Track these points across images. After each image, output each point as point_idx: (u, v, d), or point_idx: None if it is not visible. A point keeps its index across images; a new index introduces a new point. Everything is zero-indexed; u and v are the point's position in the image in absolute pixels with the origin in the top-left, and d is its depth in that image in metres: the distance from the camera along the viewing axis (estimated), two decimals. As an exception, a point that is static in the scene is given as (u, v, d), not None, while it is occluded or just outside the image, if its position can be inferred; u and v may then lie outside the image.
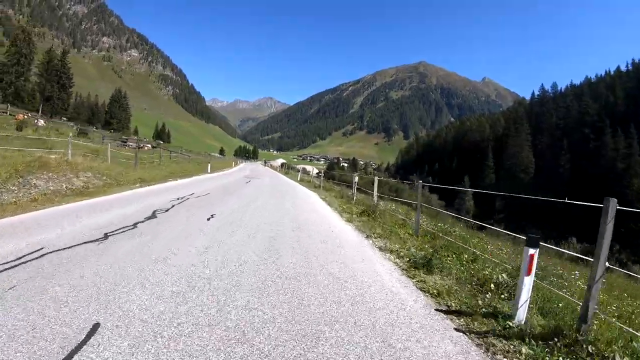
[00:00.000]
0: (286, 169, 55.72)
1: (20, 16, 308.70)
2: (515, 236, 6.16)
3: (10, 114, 49.88)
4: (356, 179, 14.40)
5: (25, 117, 47.36)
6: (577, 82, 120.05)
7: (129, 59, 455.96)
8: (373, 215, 10.37)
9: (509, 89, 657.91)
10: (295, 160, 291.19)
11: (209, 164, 31.19)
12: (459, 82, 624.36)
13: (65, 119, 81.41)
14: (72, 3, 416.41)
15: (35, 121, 43.97)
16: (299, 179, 31.26)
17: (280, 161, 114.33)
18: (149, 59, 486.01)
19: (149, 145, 57.94)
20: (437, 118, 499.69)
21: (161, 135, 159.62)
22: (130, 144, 50.40)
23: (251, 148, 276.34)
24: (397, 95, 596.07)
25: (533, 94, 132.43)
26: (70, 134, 18.25)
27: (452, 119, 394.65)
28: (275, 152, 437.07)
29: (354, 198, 14.23)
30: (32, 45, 66.17)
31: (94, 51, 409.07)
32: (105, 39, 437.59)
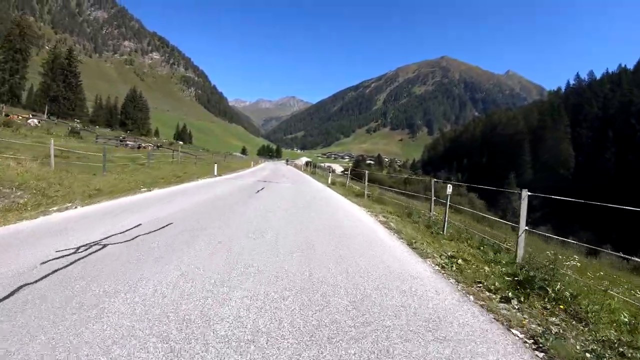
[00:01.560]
0: (312, 168, 49.27)
1: (42, 23, 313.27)
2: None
3: (5, 115, 45.68)
4: (449, 190, 7.84)
5: (20, 117, 42.85)
6: (611, 70, 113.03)
7: (150, 61, 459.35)
8: (553, 295, 4.03)
9: (532, 81, 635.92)
10: (319, 158, 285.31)
11: (215, 165, 25.15)
12: (482, 76, 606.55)
13: (78, 120, 77.79)
14: (93, 9, 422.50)
15: (27, 121, 39.23)
16: (329, 182, 24.58)
17: (304, 159, 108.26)
18: (171, 61, 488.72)
19: (151, 145, 52.52)
20: (461, 113, 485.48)
21: (182, 135, 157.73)
22: (129, 143, 44.95)
23: (274, 147, 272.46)
24: (420, 90, 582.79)
25: (568, 83, 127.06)
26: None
27: (476, 114, 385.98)
28: (299, 150, 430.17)
29: (445, 224, 7.90)
30: (28, 41, 61.25)
31: (115, 55, 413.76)
32: (126, 42, 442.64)
